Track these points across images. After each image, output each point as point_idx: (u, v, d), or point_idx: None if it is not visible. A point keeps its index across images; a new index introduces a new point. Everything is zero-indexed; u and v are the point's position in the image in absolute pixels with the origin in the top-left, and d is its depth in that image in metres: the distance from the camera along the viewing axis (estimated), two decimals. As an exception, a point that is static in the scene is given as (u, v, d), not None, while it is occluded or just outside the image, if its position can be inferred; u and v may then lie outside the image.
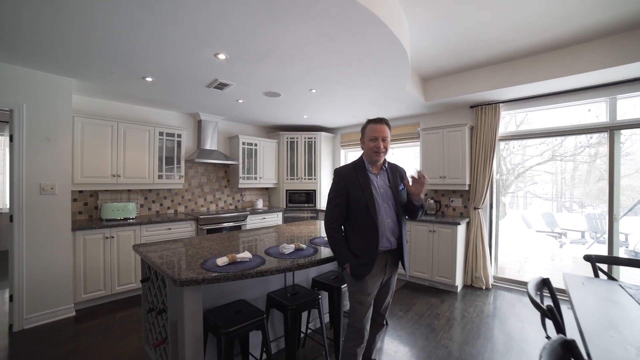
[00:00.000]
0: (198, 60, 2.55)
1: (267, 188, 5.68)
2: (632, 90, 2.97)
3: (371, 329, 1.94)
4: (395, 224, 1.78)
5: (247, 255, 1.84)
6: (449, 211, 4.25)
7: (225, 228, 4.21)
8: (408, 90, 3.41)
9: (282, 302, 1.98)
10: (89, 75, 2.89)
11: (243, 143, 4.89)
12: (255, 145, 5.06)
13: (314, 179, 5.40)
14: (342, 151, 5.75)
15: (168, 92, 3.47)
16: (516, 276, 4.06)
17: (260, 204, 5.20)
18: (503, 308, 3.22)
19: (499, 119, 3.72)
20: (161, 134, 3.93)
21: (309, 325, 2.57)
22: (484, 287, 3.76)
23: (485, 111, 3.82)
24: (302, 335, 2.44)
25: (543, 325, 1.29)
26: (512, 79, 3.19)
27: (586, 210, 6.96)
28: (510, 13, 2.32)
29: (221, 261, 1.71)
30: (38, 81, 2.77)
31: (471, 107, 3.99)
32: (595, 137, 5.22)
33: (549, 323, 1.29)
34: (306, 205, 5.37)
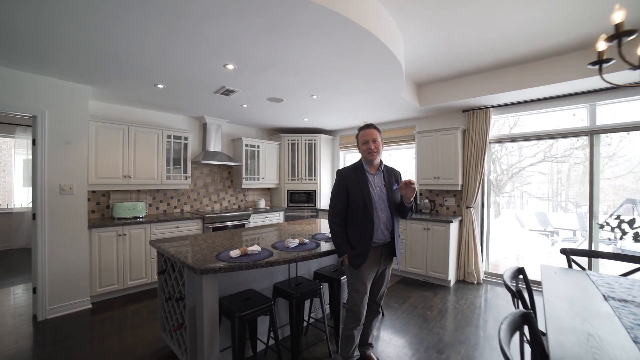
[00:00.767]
0: (208, 70, 2.76)
1: (269, 188, 5.89)
2: (610, 97, 3.23)
3: (368, 316, 2.16)
4: (389, 219, 2.00)
5: (257, 248, 2.05)
6: (443, 210, 4.47)
7: (229, 226, 4.42)
8: (403, 96, 3.63)
9: (288, 292, 2.18)
10: (105, 82, 3.09)
11: (246, 145, 5.10)
12: (257, 147, 5.27)
13: (314, 180, 5.61)
14: (341, 152, 5.97)
15: (177, 98, 3.67)
16: (506, 272, 4.27)
17: (262, 204, 5.41)
18: (492, 300, 3.44)
19: (490, 123, 3.94)
20: (169, 137, 4.13)
21: (311, 315, 2.78)
22: (476, 282, 3.97)
23: (476, 115, 4.04)
24: (305, 323, 2.65)
25: (514, 304, 1.50)
26: (500, 86, 3.42)
27: (581, 209, 7.18)
28: (492, 29, 2.55)
29: (234, 253, 1.92)
30: (58, 88, 2.96)
31: (463, 112, 4.22)
32: (581, 140, 5.45)
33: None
34: (306, 204, 5.58)
